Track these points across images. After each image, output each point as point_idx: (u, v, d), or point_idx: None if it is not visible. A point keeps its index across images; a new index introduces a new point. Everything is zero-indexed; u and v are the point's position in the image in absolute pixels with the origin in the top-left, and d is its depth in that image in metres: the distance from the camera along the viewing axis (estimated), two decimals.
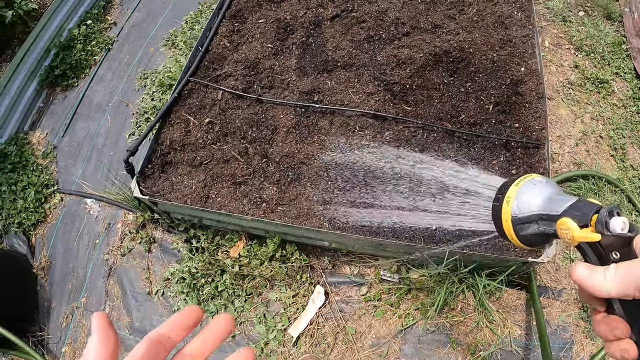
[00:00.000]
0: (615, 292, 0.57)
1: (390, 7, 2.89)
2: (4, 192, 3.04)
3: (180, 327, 0.49)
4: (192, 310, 0.50)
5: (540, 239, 0.77)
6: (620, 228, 0.61)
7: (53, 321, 2.82)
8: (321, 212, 2.31)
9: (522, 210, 0.76)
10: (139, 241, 2.78)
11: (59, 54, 3.45)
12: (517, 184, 0.79)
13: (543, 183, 0.77)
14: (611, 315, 0.64)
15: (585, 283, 0.60)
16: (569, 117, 3.05)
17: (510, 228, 0.79)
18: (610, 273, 0.58)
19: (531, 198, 0.76)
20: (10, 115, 3.24)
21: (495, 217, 0.83)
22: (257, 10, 2.96)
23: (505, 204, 0.79)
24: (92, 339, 0.45)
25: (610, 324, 0.62)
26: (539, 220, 0.74)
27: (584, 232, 0.64)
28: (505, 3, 2.95)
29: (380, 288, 2.55)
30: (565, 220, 0.67)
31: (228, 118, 2.60)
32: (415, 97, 2.59)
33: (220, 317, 0.50)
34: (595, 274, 0.59)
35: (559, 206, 0.71)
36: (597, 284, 0.58)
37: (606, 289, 0.58)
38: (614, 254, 0.62)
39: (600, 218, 0.63)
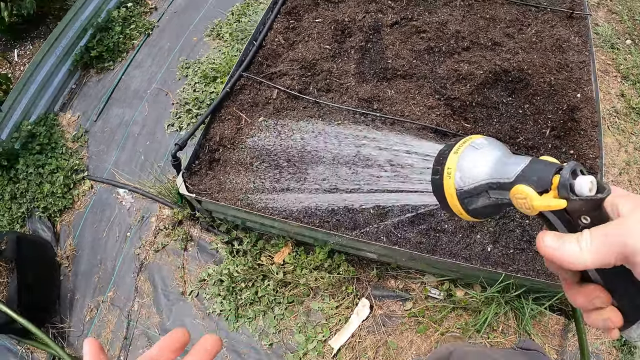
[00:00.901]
0: (593, 262, 0.49)
1: (450, 20, 2.84)
2: (30, 174, 2.90)
3: (168, 349, 0.49)
4: (179, 333, 0.51)
5: (494, 210, 0.65)
6: (588, 189, 0.51)
7: (76, 314, 2.70)
8: (377, 225, 2.25)
9: (468, 182, 0.64)
10: (175, 238, 2.67)
11: (96, 34, 3.32)
12: (457, 150, 0.66)
13: (486, 145, 0.65)
14: (588, 284, 0.56)
15: (556, 255, 0.51)
16: (614, 146, 3.04)
17: (457, 203, 0.66)
18: (586, 242, 0.49)
19: (476, 166, 0.63)
20: (41, 95, 3.10)
21: (437, 193, 0.69)
22: (313, 9, 2.88)
23: (446, 177, 0.66)
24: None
25: (589, 294, 0.55)
26: (489, 190, 0.62)
27: (545, 199, 0.54)
28: (563, 26, 2.93)
29: (425, 304, 2.49)
30: (521, 188, 0.56)
31: (282, 118, 2.51)
32: (474, 115, 2.54)
33: (205, 338, 0.51)
34: (568, 244, 0.50)
35: (511, 171, 0.59)
36: (572, 255, 0.50)
37: (582, 261, 0.49)
38: (583, 219, 0.52)
39: (562, 181, 0.52)
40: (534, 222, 2.30)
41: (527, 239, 2.26)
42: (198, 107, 2.96)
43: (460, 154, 0.65)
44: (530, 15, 2.96)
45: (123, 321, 2.60)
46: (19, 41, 3.47)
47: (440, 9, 2.91)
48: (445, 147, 0.69)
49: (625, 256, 0.46)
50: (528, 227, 2.29)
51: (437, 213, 2.30)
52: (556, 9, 2.96)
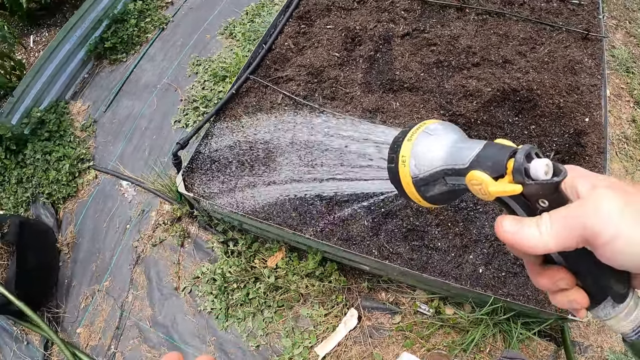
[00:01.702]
0: (554, 246, 0.47)
1: (462, 34, 2.81)
2: (37, 160, 2.96)
3: None
4: (174, 357, 0.51)
5: (451, 196, 0.64)
6: (544, 172, 0.49)
7: (72, 300, 2.76)
8: (370, 239, 2.26)
9: (423, 169, 0.62)
10: (173, 234, 2.71)
11: (111, 26, 3.36)
12: (410, 138, 0.64)
13: (440, 130, 0.63)
14: (551, 266, 0.55)
15: (516, 240, 0.50)
16: (621, 173, 2.99)
17: (414, 191, 0.65)
18: (545, 225, 0.48)
19: (430, 152, 0.62)
20: (54, 82, 3.15)
21: (394, 181, 0.67)
22: (325, 15, 2.88)
23: (401, 165, 0.64)
24: None
25: (553, 276, 0.54)
26: (445, 176, 0.60)
27: (501, 184, 0.52)
28: (577, 48, 2.88)
29: (414, 319, 2.49)
30: (476, 174, 0.55)
31: (285, 124, 2.52)
32: (478, 133, 2.52)
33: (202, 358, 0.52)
34: (527, 229, 0.49)
35: (465, 156, 0.57)
36: (532, 240, 0.48)
37: (543, 245, 0.48)
38: (541, 203, 0.51)
39: (517, 165, 0.51)
40: None
41: (520, 263, 2.24)
42: (205, 105, 2.99)
43: (413, 141, 0.64)
44: (545, 34, 2.92)
45: (116, 311, 2.65)
46: (35, 27, 3.53)
47: (453, 22, 2.88)
48: (399, 134, 0.68)
49: (585, 238, 0.46)
50: None
51: (431, 230, 2.29)
52: (571, 29, 2.91)
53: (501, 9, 2.96)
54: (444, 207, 2.34)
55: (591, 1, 3.05)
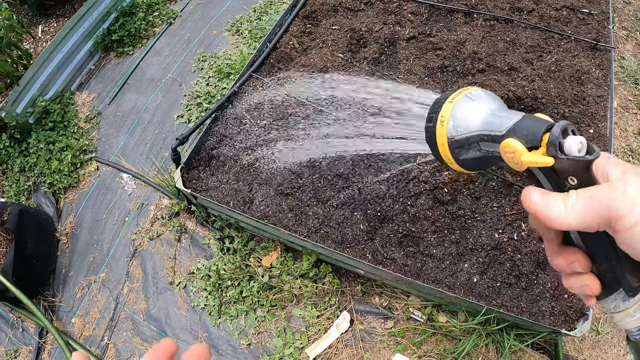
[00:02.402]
0: (577, 224, 0.48)
1: (469, 39, 2.79)
2: (40, 150, 2.98)
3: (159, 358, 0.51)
4: (167, 344, 0.52)
5: (483, 163, 0.66)
6: (577, 149, 0.50)
7: (68, 290, 2.78)
8: (365, 243, 2.25)
9: (460, 131, 0.64)
10: (170, 228, 2.72)
11: (119, 18, 3.37)
12: (452, 100, 0.66)
13: (482, 97, 0.65)
14: (569, 247, 0.55)
15: (541, 212, 0.50)
16: None
17: (448, 152, 0.67)
18: (572, 202, 0.48)
19: (469, 116, 0.64)
20: (60, 72, 3.18)
21: (429, 140, 0.69)
22: (332, 15, 2.87)
23: (439, 125, 0.66)
24: None
25: (569, 257, 0.54)
26: (480, 141, 0.62)
27: (533, 155, 0.53)
28: (585, 57, 2.84)
29: (406, 325, 2.48)
30: (511, 142, 0.56)
31: (286, 123, 2.52)
32: None
33: (194, 348, 0.53)
34: (554, 202, 0.49)
35: (503, 124, 0.59)
36: (556, 214, 0.49)
37: (566, 221, 0.48)
38: (570, 180, 0.51)
39: (552, 138, 0.51)
40: (525, 257, 2.26)
41: (516, 274, 2.22)
42: (209, 101, 2.99)
43: (455, 104, 0.65)
44: (553, 42, 2.88)
45: (111, 303, 2.66)
46: (44, 17, 3.56)
47: (460, 27, 2.86)
48: (441, 96, 0.70)
49: (608, 220, 0.45)
50: (519, 261, 2.25)
51: (427, 237, 2.28)
52: (580, 38, 2.88)
53: (509, 15, 2.93)
54: (440, 214, 2.32)
55: (602, 11, 3.01)
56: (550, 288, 2.19)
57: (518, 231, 2.34)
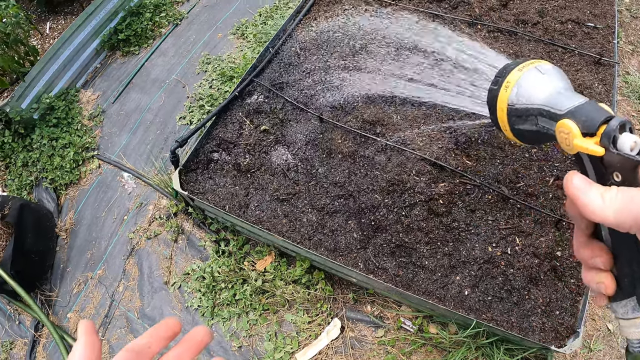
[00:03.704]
0: (612, 220, 0.47)
1: None
2: (43, 145, 3.02)
3: (159, 337, 0.50)
4: (171, 323, 0.53)
5: (536, 137, 0.66)
6: (630, 147, 0.49)
7: (65, 285, 2.81)
8: (358, 251, 2.26)
9: (522, 100, 0.64)
10: (168, 229, 2.75)
11: (126, 18, 3.41)
12: (521, 68, 0.66)
13: (552, 72, 0.65)
14: (596, 241, 0.55)
15: (581, 199, 0.50)
16: None
17: (505, 118, 0.67)
18: (611, 197, 0.48)
19: (534, 88, 0.63)
20: (66, 70, 3.22)
21: (490, 103, 0.70)
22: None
23: (503, 89, 0.67)
24: (79, 344, 0.47)
25: (594, 250, 0.54)
26: (539, 115, 0.62)
27: (586, 141, 0.53)
28: (588, 72, 2.83)
29: (397, 335, 2.49)
30: (567, 122, 0.56)
31: (284, 130, 2.53)
32: (478, 152, 2.50)
33: (197, 329, 0.52)
34: (595, 192, 0.49)
35: (565, 104, 0.59)
36: (595, 205, 0.49)
37: (602, 214, 0.48)
38: (615, 176, 0.51)
39: (608, 130, 0.51)
40: (518, 272, 2.26)
41: (507, 288, 2.22)
42: (211, 104, 3.02)
43: (523, 72, 0.65)
44: (556, 55, 2.87)
45: (107, 300, 2.70)
46: (52, 14, 3.60)
47: (463, 37, 2.86)
48: (512, 62, 0.70)
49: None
50: (512, 276, 2.25)
51: (420, 248, 2.28)
52: (584, 52, 2.86)
53: (514, 27, 2.93)
54: (434, 225, 2.33)
55: (607, 25, 3.00)
56: (542, 304, 2.19)
57: (512, 245, 2.34)
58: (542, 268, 2.27)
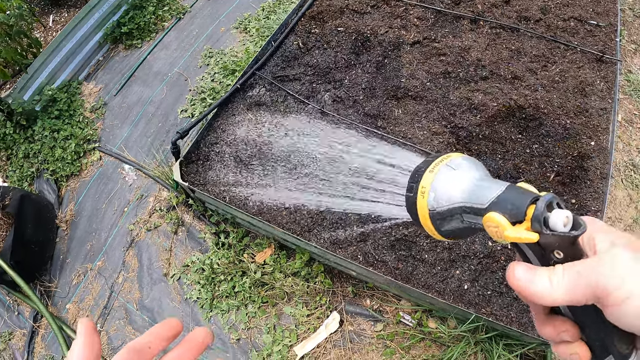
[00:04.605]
0: (563, 299, 0.46)
1: (473, 46, 2.78)
2: (45, 137, 3.03)
3: (160, 337, 0.50)
4: (172, 323, 0.52)
5: (466, 233, 0.63)
6: (563, 224, 0.48)
7: (64, 276, 2.81)
8: (357, 244, 2.26)
9: (441, 203, 0.61)
10: (168, 221, 2.75)
11: (129, 11, 3.41)
12: (432, 169, 0.63)
13: (464, 166, 0.62)
14: (557, 316, 0.53)
15: (527, 289, 0.49)
16: (624, 201, 2.93)
17: (429, 223, 0.63)
18: (557, 278, 0.47)
19: (450, 187, 0.60)
20: (68, 62, 3.22)
21: (410, 210, 0.66)
22: (338, 17, 2.88)
23: (420, 196, 0.63)
24: (78, 341, 0.47)
25: (557, 326, 0.53)
26: (463, 213, 0.59)
27: (518, 230, 0.51)
28: (590, 69, 2.83)
29: (396, 329, 2.48)
30: (494, 216, 0.53)
31: (286, 122, 2.54)
32: (479, 147, 2.50)
33: (198, 330, 0.52)
34: (539, 278, 0.48)
35: (486, 197, 0.56)
36: (542, 290, 0.47)
37: (552, 297, 0.47)
38: (556, 254, 0.49)
39: (536, 213, 0.49)
40: None
41: (507, 283, 2.21)
42: (213, 97, 3.02)
43: (435, 174, 0.62)
44: (558, 52, 2.87)
45: (106, 291, 2.69)
46: (56, 7, 3.61)
47: (465, 33, 2.86)
48: (422, 163, 0.66)
49: (596, 296, 0.45)
50: None
51: (420, 241, 2.28)
52: (586, 49, 2.86)
53: (516, 23, 2.92)
54: None
55: (610, 23, 2.99)
56: None
57: None
58: None
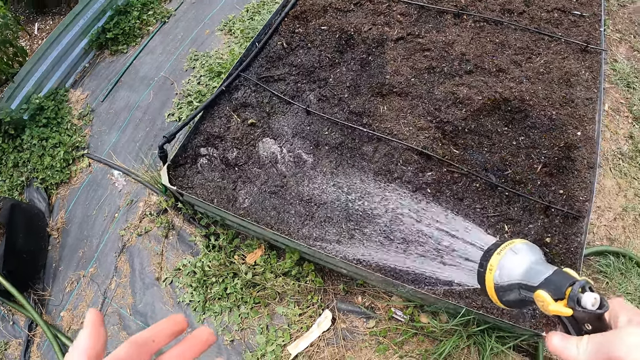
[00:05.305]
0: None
1: (457, 40, 2.79)
2: (33, 146, 3.03)
3: (163, 333, 0.50)
4: (177, 319, 0.53)
5: (521, 304, 0.81)
6: (591, 304, 0.63)
7: (57, 284, 2.82)
8: (347, 242, 2.26)
9: (504, 279, 0.81)
10: (158, 225, 2.75)
11: (114, 17, 3.41)
12: (499, 252, 0.83)
13: (524, 251, 0.81)
14: None
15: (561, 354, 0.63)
16: (613, 189, 2.94)
17: (494, 293, 0.84)
18: (583, 346, 0.60)
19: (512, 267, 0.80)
20: (55, 70, 3.22)
21: (479, 281, 0.87)
22: (321, 16, 2.88)
23: (488, 272, 0.84)
24: (84, 332, 0.47)
25: None
26: (520, 288, 0.78)
27: (558, 305, 0.68)
28: (575, 60, 2.84)
29: (388, 325, 2.49)
30: (541, 293, 0.71)
31: (272, 123, 2.54)
32: (465, 141, 2.51)
33: (202, 329, 0.52)
34: (570, 345, 0.62)
35: (537, 277, 0.74)
36: (572, 356, 0.61)
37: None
38: (586, 326, 0.64)
39: (572, 294, 0.66)
40: None
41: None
42: (199, 100, 3.02)
43: (501, 256, 0.83)
44: (542, 44, 2.88)
45: (99, 297, 2.70)
46: (41, 15, 3.61)
47: (449, 28, 2.86)
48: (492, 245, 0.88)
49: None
50: None
51: (409, 237, 2.29)
52: (571, 40, 2.87)
53: (500, 16, 2.93)
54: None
55: (593, 13, 3.00)
56: None
57: (501, 233, 2.34)
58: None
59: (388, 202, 2.32)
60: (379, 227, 2.30)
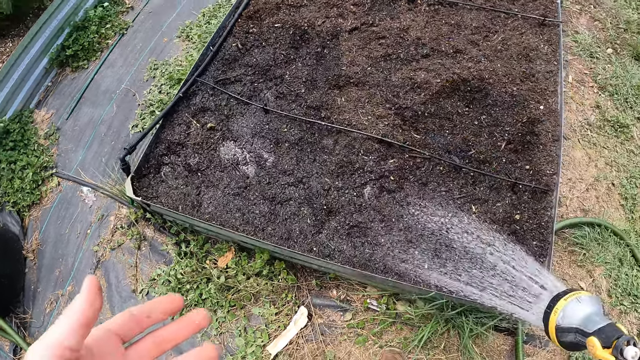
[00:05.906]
0: None
1: (412, 25, 2.78)
2: (2, 170, 3.02)
3: (160, 310, 0.51)
4: (174, 298, 0.53)
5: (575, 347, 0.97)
6: (632, 356, 0.79)
7: (37, 306, 2.81)
8: (312, 237, 2.26)
9: (565, 322, 0.98)
10: (130, 237, 2.75)
11: (73, 33, 3.39)
12: (566, 298, 1.01)
13: (586, 302, 0.98)
14: None
15: None
16: (583, 160, 2.93)
17: (554, 333, 1.02)
18: None
19: (574, 314, 0.97)
20: (17, 91, 3.21)
21: (544, 321, 1.06)
22: (274, 14, 2.87)
23: (553, 314, 1.01)
24: (80, 296, 0.45)
25: None
26: (576, 332, 0.94)
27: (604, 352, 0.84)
28: (532, 34, 2.82)
29: (365, 316, 2.49)
30: (593, 339, 0.87)
31: (231, 125, 2.53)
32: (426, 126, 2.50)
33: (197, 311, 0.53)
34: None
35: (593, 326, 0.90)
36: None
37: None
38: None
39: (618, 344, 0.82)
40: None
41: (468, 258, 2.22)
42: (161, 109, 3.01)
43: (567, 302, 1.00)
44: (499, 22, 2.87)
45: None
46: (0, 38, 3.60)
47: (403, 14, 2.85)
48: (562, 292, 1.06)
49: None
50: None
51: (374, 227, 2.28)
52: (527, 15, 2.86)
53: None
54: (387, 203, 2.32)
55: None
56: None
57: (468, 214, 2.33)
58: (502, 233, 2.27)
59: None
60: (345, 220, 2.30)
